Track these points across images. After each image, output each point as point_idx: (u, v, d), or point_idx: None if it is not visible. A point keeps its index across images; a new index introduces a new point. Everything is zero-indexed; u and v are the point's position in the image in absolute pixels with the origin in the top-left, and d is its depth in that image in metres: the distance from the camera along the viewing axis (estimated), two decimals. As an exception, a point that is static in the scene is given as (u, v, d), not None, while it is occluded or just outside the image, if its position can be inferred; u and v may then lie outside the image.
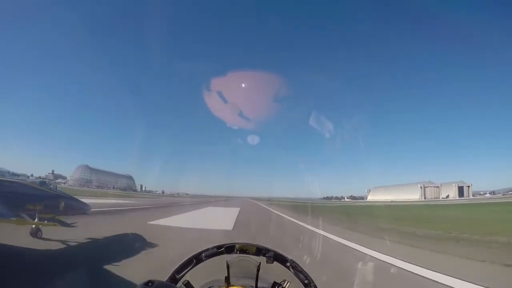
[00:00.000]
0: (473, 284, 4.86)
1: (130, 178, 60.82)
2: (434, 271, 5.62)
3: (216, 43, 46.06)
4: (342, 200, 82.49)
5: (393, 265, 6.32)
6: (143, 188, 67.67)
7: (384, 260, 6.83)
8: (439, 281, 5.11)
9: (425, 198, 52.07)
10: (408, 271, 5.84)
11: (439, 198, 53.06)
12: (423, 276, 5.43)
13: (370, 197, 66.83)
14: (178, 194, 73.68)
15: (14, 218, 7.19)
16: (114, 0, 40.66)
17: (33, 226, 7.53)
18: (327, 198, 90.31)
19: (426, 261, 6.49)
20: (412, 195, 53.82)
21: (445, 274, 5.36)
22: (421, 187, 52.60)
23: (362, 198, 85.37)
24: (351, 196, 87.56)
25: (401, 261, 6.52)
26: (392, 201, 51.51)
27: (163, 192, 66.59)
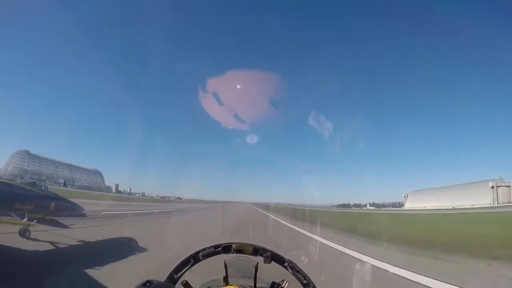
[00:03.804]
0: None
1: (97, 173, 46.65)
2: None
3: (213, 43, 44.04)
4: (364, 208, 68.64)
5: None
6: (120, 189, 53.76)
7: None
8: None
9: (498, 202, 37.21)
10: None
11: (511, 201, 38.20)
12: None
13: (408, 204, 52.15)
14: (166, 198, 61.17)
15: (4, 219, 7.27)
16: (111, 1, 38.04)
17: (21, 226, 7.41)
18: (343, 205, 78.36)
19: None
20: (475, 200, 39.07)
21: None
22: (492, 187, 37.72)
23: (384, 205, 72.23)
24: (373, 203, 74.49)
25: None
26: (454, 208, 36.88)
27: (142, 194, 52.54)
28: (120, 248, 7.26)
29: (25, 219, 7.63)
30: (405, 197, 54.40)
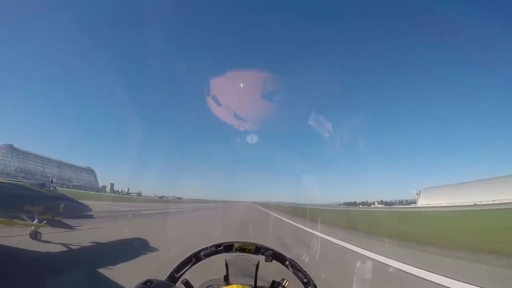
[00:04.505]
0: None
1: (90, 172, 43.61)
2: None
3: (213, 43, 43.99)
4: (372, 206, 65.79)
5: None
6: (117, 189, 50.94)
7: None
8: None
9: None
10: None
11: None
12: None
13: (422, 202, 49.26)
14: (165, 197, 58.62)
15: (3, 218, 7.07)
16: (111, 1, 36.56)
17: (33, 227, 7.42)
18: (349, 204, 76.40)
19: None
20: (496, 195, 36.19)
21: None
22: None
23: (392, 203, 69.45)
24: (381, 201, 71.72)
25: None
26: (475, 204, 34.03)
27: (139, 194, 49.70)
28: (129, 248, 7.34)
29: (35, 220, 7.62)
30: (417, 194, 51.53)
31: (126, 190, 52.28)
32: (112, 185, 49.84)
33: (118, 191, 52.10)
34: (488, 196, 36.57)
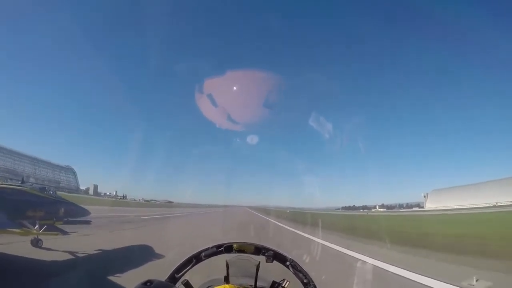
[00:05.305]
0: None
1: (69, 171, 39.24)
2: None
3: (211, 42, 43.48)
4: (373, 210, 63.08)
5: None
6: (100, 191, 46.55)
7: None
8: None
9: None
10: None
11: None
12: None
13: (430, 205, 46.57)
14: (153, 201, 54.52)
15: (17, 230, 7.17)
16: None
17: (33, 235, 7.33)
18: (348, 208, 74.40)
19: None
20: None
21: None
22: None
23: (393, 207, 67.16)
24: (382, 204, 69.49)
25: None
26: (495, 206, 31.42)
27: (123, 197, 45.39)
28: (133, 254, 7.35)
29: (36, 226, 7.45)
30: (425, 196, 48.86)
31: (114, 193, 47.95)
32: (95, 187, 45.50)
33: (106, 193, 47.82)
34: (505, 197, 34.14)
